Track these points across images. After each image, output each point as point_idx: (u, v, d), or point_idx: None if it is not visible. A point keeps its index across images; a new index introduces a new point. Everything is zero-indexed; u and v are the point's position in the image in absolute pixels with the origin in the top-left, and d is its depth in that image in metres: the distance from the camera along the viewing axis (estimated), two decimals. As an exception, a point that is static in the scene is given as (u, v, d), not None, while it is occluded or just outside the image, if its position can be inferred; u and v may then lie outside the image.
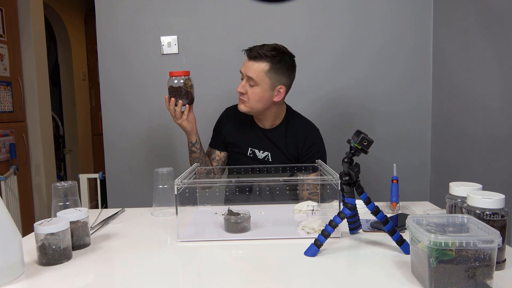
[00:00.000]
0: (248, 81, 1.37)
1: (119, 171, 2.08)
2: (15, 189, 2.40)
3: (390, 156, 1.98)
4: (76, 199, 1.06)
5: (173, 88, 1.34)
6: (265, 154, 1.48)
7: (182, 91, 1.34)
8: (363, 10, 1.95)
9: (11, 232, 0.76)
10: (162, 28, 2.00)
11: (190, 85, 1.36)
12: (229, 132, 1.54)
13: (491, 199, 0.75)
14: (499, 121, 1.39)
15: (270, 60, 1.34)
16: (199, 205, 1.30)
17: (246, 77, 1.37)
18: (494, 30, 1.42)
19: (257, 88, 1.37)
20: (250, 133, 1.50)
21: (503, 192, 0.79)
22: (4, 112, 2.55)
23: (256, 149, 1.49)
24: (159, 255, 0.89)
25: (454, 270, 0.64)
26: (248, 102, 1.39)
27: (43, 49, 2.90)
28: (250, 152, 1.49)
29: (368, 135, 0.85)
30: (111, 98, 2.06)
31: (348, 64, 1.98)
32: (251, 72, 1.35)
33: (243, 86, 1.38)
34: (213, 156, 1.55)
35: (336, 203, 0.94)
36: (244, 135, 1.51)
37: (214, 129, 1.59)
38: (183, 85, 1.34)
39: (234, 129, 1.53)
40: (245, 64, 1.38)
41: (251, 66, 1.35)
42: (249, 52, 1.36)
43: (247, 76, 1.37)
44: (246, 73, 1.37)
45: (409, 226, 0.72)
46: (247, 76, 1.37)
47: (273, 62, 1.35)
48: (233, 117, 1.55)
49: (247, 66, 1.36)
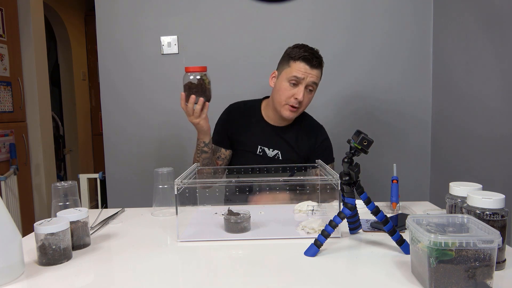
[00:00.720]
0: (307, 88, 1.38)
1: (119, 171, 2.08)
2: (15, 189, 2.40)
3: (390, 156, 1.98)
4: (76, 199, 1.06)
5: (191, 84, 1.27)
6: (275, 152, 1.48)
7: (201, 88, 1.27)
8: (363, 10, 1.95)
9: (11, 232, 0.76)
10: (162, 28, 2.00)
11: (208, 82, 1.30)
12: (236, 130, 1.51)
13: (491, 199, 0.75)
14: (499, 121, 1.39)
15: (322, 65, 1.40)
16: (199, 205, 1.30)
17: (307, 84, 1.37)
18: (494, 30, 1.42)
19: (312, 93, 1.42)
20: (259, 131, 1.49)
21: (503, 192, 0.79)
22: (4, 112, 2.55)
23: (266, 147, 1.48)
24: (159, 255, 0.89)
25: (454, 270, 0.64)
26: (301, 108, 1.41)
27: (43, 49, 2.90)
28: (260, 150, 1.48)
29: (368, 135, 0.85)
30: (111, 98, 2.06)
31: (348, 64, 1.98)
32: (316, 79, 1.38)
33: (304, 93, 1.37)
34: (219, 154, 1.52)
35: (336, 203, 0.94)
36: (252, 132, 1.49)
37: (218, 126, 1.56)
38: (202, 81, 1.27)
39: (242, 127, 1.51)
40: (306, 71, 1.36)
41: (317, 74, 1.38)
42: (311, 60, 1.36)
43: (308, 83, 1.37)
44: (309, 81, 1.36)
45: (409, 226, 0.72)
46: (310, 82, 1.37)
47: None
48: (239, 114, 1.53)
49: (312, 74, 1.36)
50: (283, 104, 1.40)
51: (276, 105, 1.43)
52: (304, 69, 1.35)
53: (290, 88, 1.38)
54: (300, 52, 1.37)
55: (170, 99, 2.04)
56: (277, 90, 1.42)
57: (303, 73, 1.35)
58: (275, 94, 1.43)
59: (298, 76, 1.35)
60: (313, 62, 1.36)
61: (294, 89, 1.37)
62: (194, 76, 1.27)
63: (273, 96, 1.45)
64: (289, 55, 1.40)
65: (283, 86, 1.39)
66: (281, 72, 1.42)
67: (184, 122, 2.04)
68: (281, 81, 1.41)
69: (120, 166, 2.08)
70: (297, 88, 1.37)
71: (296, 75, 1.35)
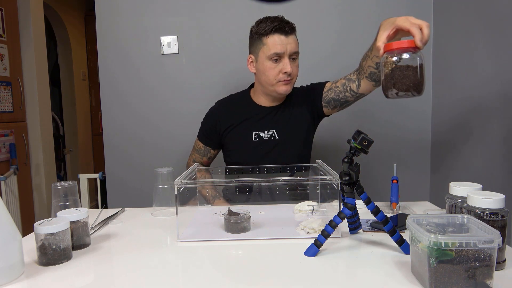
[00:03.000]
0: (290, 57, 1.32)
1: (119, 171, 2.08)
2: (15, 189, 2.40)
3: (390, 156, 1.98)
4: (76, 199, 1.06)
5: (404, 67, 0.85)
6: (271, 133, 1.43)
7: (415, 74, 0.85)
8: (363, 10, 1.95)
9: (11, 232, 0.76)
10: (162, 28, 2.00)
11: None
12: (227, 125, 1.46)
13: (491, 199, 0.75)
14: (499, 121, 1.39)
15: (295, 29, 1.34)
16: (199, 205, 1.30)
17: (289, 54, 1.31)
18: (494, 30, 1.42)
19: (297, 61, 1.36)
20: (252, 116, 1.45)
21: (503, 192, 0.79)
22: (4, 112, 2.55)
23: (260, 131, 1.43)
24: (159, 255, 0.89)
25: (454, 270, 0.64)
26: (293, 79, 1.37)
27: (43, 49, 2.90)
28: (255, 136, 1.43)
29: (368, 135, 0.85)
30: (111, 98, 2.06)
31: (348, 64, 1.98)
32: (294, 47, 1.32)
33: (290, 65, 1.31)
34: (209, 155, 1.53)
35: (336, 203, 0.94)
36: (245, 120, 1.45)
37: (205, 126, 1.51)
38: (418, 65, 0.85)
39: (233, 119, 1.46)
40: (283, 42, 1.29)
41: (292, 41, 1.31)
42: (284, 28, 1.29)
43: (292, 53, 1.31)
44: (291, 50, 1.30)
45: (409, 226, 0.72)
46: (292, 52, 1.31)
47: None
48: (228, 108, 1.49)
49: (290, 43, 1.30)
50: (274, 83, 1.34)
51: (267, 86, 1.38)
52: (280, 40, 1.29)
53: (274, 65, 1.32)
54: (268, 25, 1.30)
55: (170, 99, 2.04)
56: (262, 72, 1.36)
57: (281, 45, 1.29)
58: (262, 76, 1.37)
59: (277, 52, 1.29)
60: (286, 29, 1.29)
61: (279, 65, 1.32)
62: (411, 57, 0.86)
63: (260, 80, 1.39)
64: (258, 33, 1.33)
65: (267, 66, 1.33)
66: (257, 53, 1.36)
67: (184, 122, 2.05)
68: (261, 62, 1.34)
69: (120, 166, 2.08)
70: (282, 62, 1.31)
71: (275, 51, 1.29)
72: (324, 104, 1.43)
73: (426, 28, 0.90)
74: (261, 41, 1.33)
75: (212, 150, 1.53)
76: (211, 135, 1.50)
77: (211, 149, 1.52)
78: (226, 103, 1.51)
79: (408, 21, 0.93)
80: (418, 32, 0.88)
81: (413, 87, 0.86)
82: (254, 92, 1.50)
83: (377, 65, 1.22)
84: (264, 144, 1.43)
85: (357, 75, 1.32)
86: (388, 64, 0.88)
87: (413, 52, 0.86)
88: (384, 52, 0.90)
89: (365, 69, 1.26)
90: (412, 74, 0.85)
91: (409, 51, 0.86)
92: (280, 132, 1.43)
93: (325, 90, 1.42)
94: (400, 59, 0.86)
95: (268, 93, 1.42)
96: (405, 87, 0.86)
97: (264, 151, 1.43)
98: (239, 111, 1.46)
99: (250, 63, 1.42)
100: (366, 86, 1.31)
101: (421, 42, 0.87)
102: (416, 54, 0.86)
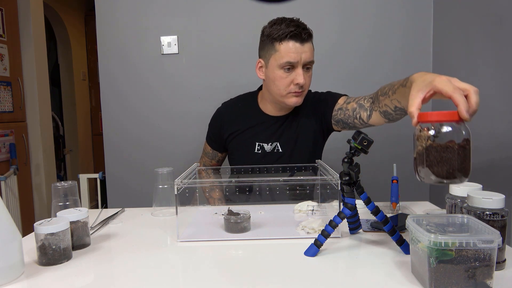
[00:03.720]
0: (304, 67, 1.20)
1: (119, 171, 2.08)
2: (15, 189, 2.40)
3: (390, 156, 1.98)
4: (76, 199, 1.06)
5: (443, 147, 0.68)
6: (274, 145, 1.36)
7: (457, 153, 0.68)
8: (363, 10, 1.95)
9: (11, 232, 0.76)
10: (162, 28, 2.00)
11: None
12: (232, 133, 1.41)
13: (491, 199, 0.75)
14: (499, 120, 1.39)
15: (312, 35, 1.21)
16: (199, 205, 1.30)
17: (303, 64, 1.19)
18: (494, 30, 1.42)
19: (311, 70, 1.24)
20: (257, 125, 1.38)
21: (503, 192, 0.79)
22: (4, 112, 2.55)
23: (264, 142, 1.37)
24: (159, 255, 0.89)
25: (454, 270, 0.64)
26: (304, 91, 1.24)
27: (43, 49, 2.91)
28: (258, 147, 1.37)
29: (368, 135, 0.85)
30: (111, 98, 2.06)
31: (348, 64, 1.98)
32: (310, 55, 1.19)
33: (304, 76, 1.19)
34: (218, 158, 1.52)
35: (336, 203, 0.94)
36: (250, 128, 1.38)
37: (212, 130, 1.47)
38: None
39: (237, 127, 1.40)
40: (298, 50, 1.17)
41: (309, 48, 1.18)
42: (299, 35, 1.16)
43: (306, 63, 1.20)
44: (306, 60, 1.18)
45: (409, 226, 0.72)
46: (307, 62, 1.19)
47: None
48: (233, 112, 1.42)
49: (306, 51, 1.17)
50: (284, 94, 1.23)
51: (276, 97, 1.27)
52: (295, 48, 1.16)
53: (286, 75, 1.20)
54: (283, 29, 1.17)
55: (170, 99, 2.04)
56: (272, 81, 1.24)
57: (296, 54, 1.17)
58: (271, 85, 1.26)
59: (291, 61, 1.18)
60: (303, 36, 1.16)
61: (291, 74, 1.20)
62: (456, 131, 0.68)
63: (269, 88, 1.28)
64: (271, 37, 1.20)
65: (277, 75, 1.21)
66: (268, 59, 1.24)
67: (184, 122, 2.05)
68: (272, 70, 1.22)
69: (120, 166, 2.08)
70: (295, 72, 1.19)
71: (289, 60, 1.17)
72: (334, 122, 1.33)
73: (474, 95, 0.70)
74: (273, 46, 1.21)
75: (220, 154, 1.50)
76: (217, 139, 1.46)
77: (218, 152, 1.50)
78: (232, 106, 1.44)
79: (451, 85, 0.73)
80: (464, 101, 0.68)
81: (453, 173, 0.67)
82: (261, 98, 1.40)
83: (395, 109, 1.05)
84: (267, 157, 1.37)
85: (371, 103, 1.18)
86: (423, 139, 0.69)
87: (457, 124, 0.68)
88: (418, 122, 0.72)
89: (381, 105, 1.11)
90: (454, 156, 0.66)
91: (452, 124, 0.68)
92: (283, 145, 1.36)
93: (336, 108, 1.30)
94: (438, 134, 0.68)
95: (276, 102, 1.32)
96: (444, 172, 0.66)
97: (266, 163, 1.36)
98: (244, 117, 1.39)
99: (259, 68, 1.31)
100: (378, 120, 1.16)
101: (468, 114, 0.67)
102: (460, 126, 0.68)
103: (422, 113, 0.71)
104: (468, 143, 0.68)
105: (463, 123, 0.68)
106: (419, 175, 0.69)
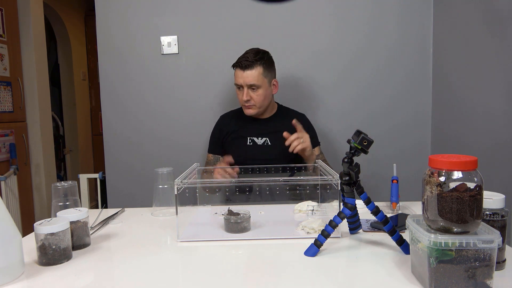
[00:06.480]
0: (249, 88, 1.52)
1: (119, 171, 2.08)
2: (15, 189, 2.40)
3: (390, 156, 1.98)
4: (76, 199, 1.06)
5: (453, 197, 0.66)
6: (264, 140, 1.61)
7: None
8: (363, 10, 1.94)
9: (11, 232, 0.77)
10: (162, 28, 2.00)
11: None
12: (229, 132, 1.65)
13: (491, 199, 0.75)
14: (499, 121, 1.39)
15: (261, 63, 1.51)
16: (199, 205, 1.30)
17: (247, 86, 1.52)
18: (494, 30, 1.42)
19: (260, 90, 1.53)
20: (248, 125, 1.64)
21: (503, 192, 0.79)
22: (4, 112, 2.55)
23: (255, 137, 1.62)
24: (159, 255, 0.89)
25: (454, 270, 0.64)
26: (256, 105, 1.55)
27: (43, 49, 2.90)
28: (250, 141, 1.62)
29: (368, 135, 0.85)
30: (111, 98, 2.06)
31: (347, 64, 1.98)
32: (251, 80, 1.50)
33: (247, 94, 1.52)
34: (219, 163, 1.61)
35: (336, 203, 0.94)
36: (243, 127, 1.64)
37: (214, 137, 1.70)
38: None
39: (231, 129, 1.66)
40: (240, 76, 1.51)
41: (249, 75, 1.50)
42: (241, 64, 1.51)
43: (248, 85, 1.51)
44: (246, 83, 1.51)
45: (409, 226, 0.72)
46: (248, 84, 1.51)
47: (264, 64, 1.52)
48: (230, 118, 1.70)
49: (245, 77, 1.51)
50: (241, 105, 1.59)
51: None
52: (238, 75, 1.52)
53: (239, 92, 1.56)
54: (239, 58, 1.53)
55: (170, 99, 2.04)
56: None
57: (239, 78, 1.52)
58: None
59: (237, 84, 1.55)
60: (243, 65, 1.50)
61: (240, 93, 1.55)
62: None
63: None
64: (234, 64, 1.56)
65: (236, 92, 1.59)
66: None
67: (184, 122, 2.05)
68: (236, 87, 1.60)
69: (120, 166, 2.08)
70: (242, 92, 1.54)
71: (236, 82, 1.55)
72: None
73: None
74: None
75: (221, 157, 1.64)
76: (218, 143, 1.69)
77: (220, 156, 1.66)
78: (226, 116, 1.74)
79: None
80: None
81: (464, 220, 0.65)
82: None
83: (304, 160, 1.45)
84: (258, 149, 1.61)
85: None
86: (432, 185, 0.68)
87: (468, 172, 0.67)
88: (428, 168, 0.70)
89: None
90: (465, 207, 0.65)
91: (463, 173, 0.67)
92: (272, 139, 1.60)
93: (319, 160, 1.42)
94: (448, 181, 0.66)
95: None
96: (454, 221, 0.65)
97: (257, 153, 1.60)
98: (237, 121, 1.68)
99: None
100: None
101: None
102: (471, 174, 0.67)
103: (433, 157, 0.67)
104: (480, 191, 0.66)
105: (475, 170, 0.67)
106: (429, 220, 0.69)
